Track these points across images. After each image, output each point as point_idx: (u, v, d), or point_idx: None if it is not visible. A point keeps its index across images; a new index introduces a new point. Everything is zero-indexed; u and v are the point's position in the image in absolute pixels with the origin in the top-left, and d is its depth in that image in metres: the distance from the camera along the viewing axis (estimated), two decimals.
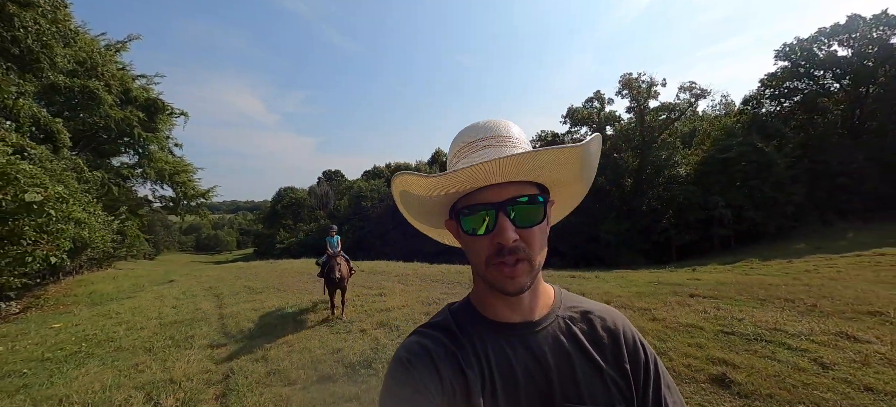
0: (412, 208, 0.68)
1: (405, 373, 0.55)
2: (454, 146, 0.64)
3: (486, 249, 0.56)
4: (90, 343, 5.36)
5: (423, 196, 0.61)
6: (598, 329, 0.64)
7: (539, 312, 0.64)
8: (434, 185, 0.57)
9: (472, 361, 0.58)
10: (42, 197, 3.95)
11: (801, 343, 3.69)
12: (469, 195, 0.59)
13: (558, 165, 0.59)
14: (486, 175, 0.54)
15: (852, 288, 6.58)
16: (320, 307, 6.30)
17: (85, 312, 7.63)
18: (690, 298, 5.59)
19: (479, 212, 0.57)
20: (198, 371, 3.92)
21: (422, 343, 0.60)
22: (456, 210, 0.61)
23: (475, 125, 0.64)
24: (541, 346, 0.61)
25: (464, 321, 0.64)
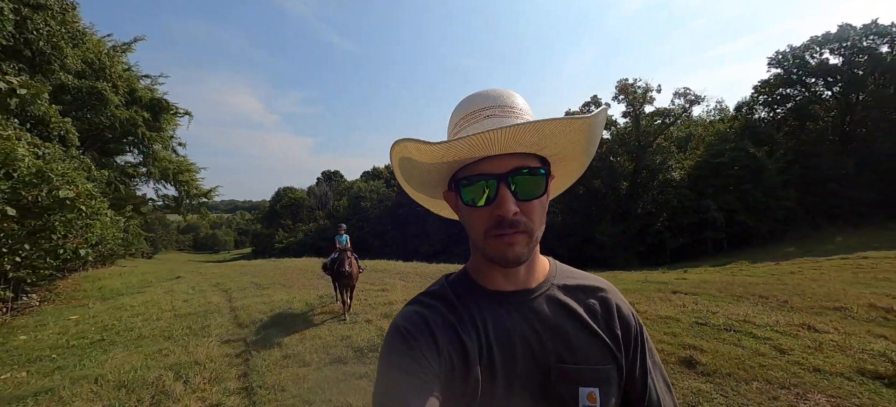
0: (411, 178, 0.67)
1: (403, 342, 0.55)
2: (456, 114, 0.63)
3: (486, 221, 0.56)
4: (111, 332, 5.71)
5: (423, 164, 0.60)
6: (591, 297, 0.66)
7: (535, 280, 0.65)
8: (435, 153, 0.55)
9: (470, 329, 0.59)
10: (74, 194, 4.31)
11: (766, 333, 4.09)
12: (470, 165, 0.58)
13: (564, 137, 0.58)
14: (488, 145, 0.54)
15: (827, 287, 7.01)
16: (326, 300, 6.66)
17: (98, 306, 7.96)
18: (672, 295, 6.00)
19: (479, 182, 0.56)
20: (219, 355, 4.29)
21: (419, 312, 0.60)
22: (455, 180, 0.60)
23: (479, 94, 0.62)
24: (536, 311, 0.62)
25: (461, 290, 0.64)
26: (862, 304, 5.25)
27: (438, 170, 0.61)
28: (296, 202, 56.54)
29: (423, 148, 0.54)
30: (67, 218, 4.62)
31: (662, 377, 0.66)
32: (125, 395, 3.43)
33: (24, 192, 4.25)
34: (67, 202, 4.21)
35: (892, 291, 6.56)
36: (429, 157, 0.57)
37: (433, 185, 0.68)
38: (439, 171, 0.62)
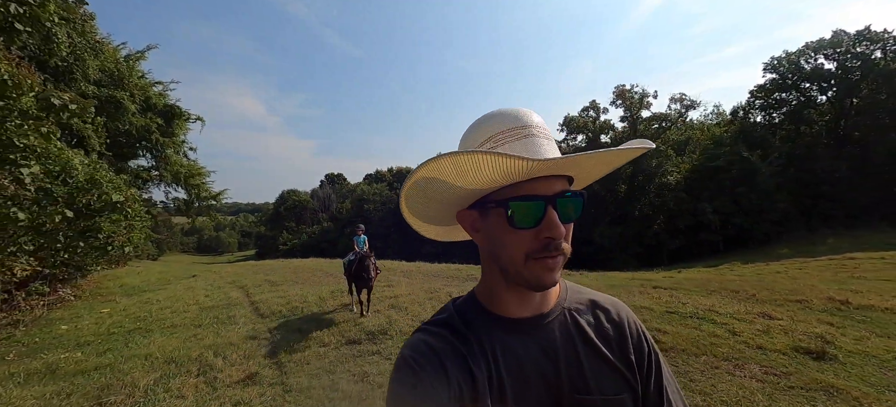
0: (426, 197, 0.62)
1: (413, 375, 0.54)
2: (482, 132, 0.59)
3: (530, 243, 0.54)
4: (145, 322, 6.35)
5: (457, 187, 0.56)
6: (603, 321, 0.64)
7: (548, 305, 0.63)
8: (484, 173, 0.51)
9: (480, 358, 0.57)
10: (124, 197, 4.96)
11: (725, 319, 4.68)
12: (515, 186, 0.55)
13: (604, 166, 0.58)
14: (546, 166, 0.51)
15: (798, 283, 7.59)
16: (337, 294, 7.27)
17: (125, 301, 8.61)
18: (653, 289, 6.58)
19: (531, 203, 0.54)
20: (247, 337, 4.91)
21: (428, 342, 0.58)
22: (499, 200, 0.56)
23: (502, 112, 0.59)
24: (548, 338, 0.61)
25: (470, 318, 0.62)
26: (822, 297, 5.82)
27: (470, 192, 0.58)
28: (299, 204, 57.34)
29: (477, 165, 0.50)
30: (113, 219, 5.27)
31: (680, 400, 0.63)
32: (175, 367, 4.06)
33: (78, 196, 4.91)
34: (118, 205, 4.86)
35: (860, 287, 7.13)
36: (473, 180, 0.53)
37: (453, 207, 0.63)
38: (469, 193, 0.58)
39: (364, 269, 5.50)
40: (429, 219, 0.70)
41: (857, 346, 3.86)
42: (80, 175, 4.96)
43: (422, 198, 0.62)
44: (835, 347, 3.80)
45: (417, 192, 0.60)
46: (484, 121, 0.60)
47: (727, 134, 26.28)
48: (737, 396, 2.94)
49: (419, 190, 0.60)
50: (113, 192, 4.92)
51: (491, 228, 0.58)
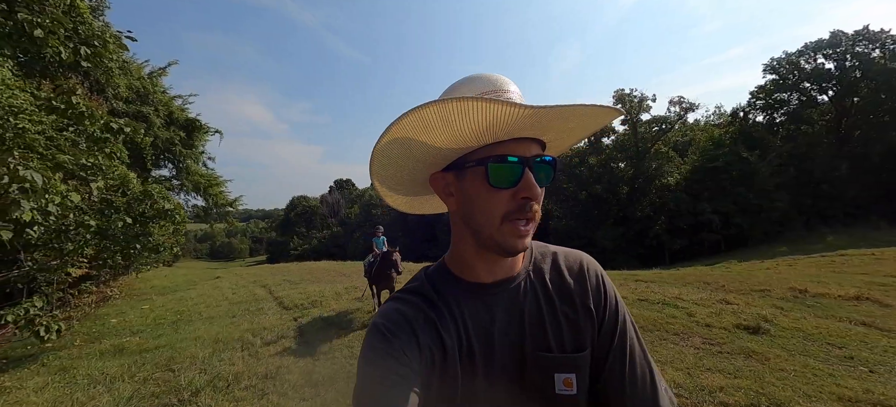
0: (399, 159, 0.61)
1: (383, 341, 0.55)
2: (463, 91, 0.58)
3: (506, 204, 0.55)
4: (185, 314, 7.26)
5: (430, 146, 0.56)
6: (565, 275, 0.66)
7: (515, 269, 0.65)
8: (482, 116, 0.49)
9: (449, 324, 0.59)
10: (173, 206, 5.87)
11: (687, 305, 5.40)
12: (491, 146, 0.55)
13: (581, 127, 0.60)
14: (525, 125, 0.52)
15: (773, 276, 8.23)
16: (351, 290, 8.11)
17: (160, 299, 9.58)
18: (633, 282, 7.31)
19: (508, 164, 0.54)
20: (278, 323, 5.78)
21: (400, 309, 0.60)
22: (477, 159, 0.56)
23: (482, 76, 0.59)
24: (514, 300, 0.63)
25: (440, 285, 0.64)
26: (784, 287, 6.50)
27: (445, 151, 0.57)
28: (309, 210, 58.71)
29: (464, 112, 0.48)
30: (161, 225, 6.18)
31: (646, 362, 0.62)
32: (222, 345, 4.93)
33: (135, 205, 5.84)
34: (168, 212, 5.77)
35: (829, 279, 7.74)
36: (454, 131, 0.52)
37: (426, 169, 0.63)
38: (444, 153, 0.58)
39: (388, 266, 5.50)
40: (398, 185, 0.69)
41: (793, 324, 4.56)
42: (135, 187, 5.89)
43: (397, 158, 0.61)
44: (772, 324, 4.52)
45: (395, 149, 0.58)
46: (464, 81, 0.59)
47: (727, 135, 26.70)
48: (672, 356, 3.69)
49: (391, 150, 0.58)
50: (164, 201, 5.84)
51: (467, 190, 0.58)
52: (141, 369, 4.32)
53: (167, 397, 3.48)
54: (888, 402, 2.74)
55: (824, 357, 3.65)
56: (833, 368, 3.39)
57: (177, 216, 5.91)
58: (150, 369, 4.29)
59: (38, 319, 4.19)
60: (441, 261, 0.69)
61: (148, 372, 4.20)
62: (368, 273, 6.00)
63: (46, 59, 5.28)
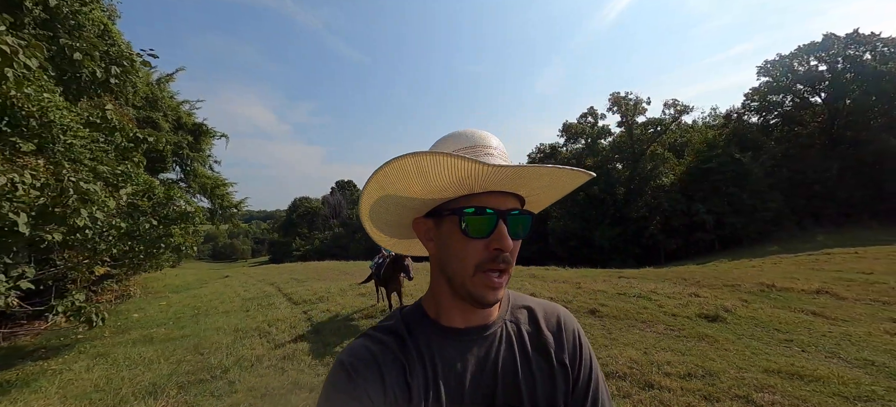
0: (385, 203, 0.64)
1: (347, 380, 0.55)
2: (445, 146, 0.62)
3: (480, 254, 0.57)
4: (202, 309, 7.86)
5: (413, 199, 0.61)
6: (542, 329, 0.67)
7: (491, 316, 0.66)
8: (449, 171, 0.53)
9: (418, 368, 0.59)
10: (193, 209, 6.47)
11: (659, 298, 5.97)
12: (468, 198, 0.59)
13: (556, 187, 0.63)
14: (500, 180, 0.55)
15: (751, 273, 8.79)
16: (355, 287, 8.68)
17: (175, 296, 10.19)
18: (617, 278, 7.87)
19: (484, 215, 0.57)
20: (289, 316, 6.37)
21: (368, 348, 0.60)
22: (453, 209, 0.59)
23: (464, 132, 0.63)
24: (488, 350, 0.63)
25: (413, 326, 0.64)
26: (754, 282, 7.06)
27: (427, 200, 0.61)
28: (311, 211, 59.36)
29: (438, 166, 0.52)
30: (181, 227, 6.78)
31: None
32: (242, 334, 5.52)
33: (160, 209, 6.44)
34: (188, 215, 6.37)
35: (804, 275, 8.27)
36: (432, 182, 0.56)
37: (410, 214, 0.67)
38: (425, 201, 0.61)
39: (398, 270, 5.36)
40: (384, 226, 0.72)
41: (749, 314, 5.13)
42: (159, 193, 6.49)
43: (382, 202, 0.64)
44: (731, 313, 5.09)
45: (379, 193, 0.61)
46: (448, 137, 0.63)
47: (721, 136, 27.24)
48: (635, 340, 4.26)
49: (381, 192, 0.61)
50: (186, 205, 6.44)
51: (444, 237, 0.61)
52: (173, 354, 4.91)
53: (201, 374, 4.07)
54: (803, 372, 3.31)
55: (767, 340, 4.22)
56: (770, 348, 3.97)
57: (196, 219, 6.51)
58: (181, 353, 4.88)
59: (84, 309, 4.78)
60: (418, 302, 0.69)
61: (180, 355, 4.80)
62: (376, 275, 5.96)
63: (83, 79, 5.89)
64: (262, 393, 3.53)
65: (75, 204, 3.88)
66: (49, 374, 4.60)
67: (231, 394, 3.57)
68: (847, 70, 26.13)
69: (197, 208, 6.56)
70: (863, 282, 7.26)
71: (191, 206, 6.47)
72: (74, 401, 3.62)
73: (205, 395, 3.58)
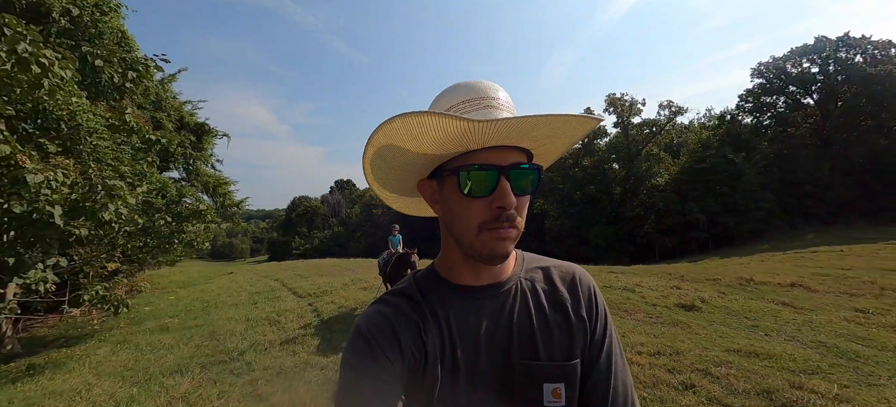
0: (390, 169, 0.64)
1: (365, 345, 0.56)
2: (445, 100, 0.60)
3: (483, 213, 0.56)
4: (210, 303, 8.23)
5: (410, 153, 0.58)
6: (557, 285, 0.66)
7: (504, 274, 0.65)
8: (435, 136, 0.52)
9: (433, 327, 0.60)
10: (206, 208, 6.84)
11: (643, 290, 6.38)
12: (467, 155, 0.57)
13: (563, 136, 0.60)
14: (498, 135, 0.53)
15: (731, 268, 9.21)
16: (357, 281, 9.08)
17: (182, 292, 10.55)
18: (607, 273, 8.28)
19: (482, 172, 0.55)
20: (296, 307, 6.76)
21: (382, 312, 0.61)
22: (451, 168, 0.58)
23: (472, 83, 0.61)
24: (502, 306, 0.63)
25: (426, 287, 0.65)
26: (733, 276, 7.48)
27: (426, 159, 0.59)
28: (311, 210, 59.68)
29: (429, 122, 0.50)
30: (193, 223, 7.15)
31: (627, 382, 0.63)
32: (253, 322, 5.91)
33: (173, 207, 6.82)
34: (201, 212, 6.74)
35: (785, 271, 8.70)
36: (426, 143, 0.55)
37: (413, 175, 0.66)
38: (426, 161, 0.60)
39: (405, 266, 5.49)
40: (393, 188, 0.71)
41: (724, 303, 5.54)
42: (172, 191, 6.87)
43: (383, 165, 0.63)
44: (707, 303, 5.50)
45: (378, 158, 0.61)
46: (449, 90, 0.61)
47: (715, 137, 27.73)
48: (615, 326, 4.66)
49: (379, 156, 0.60)
50: (198, 203, 6.82)
51: (447, 198, 0.60)
52: (191, 340, 5.30)
53: (219, 356, 4.46)
54: (761, 351, 3.72)
55: (735, 326, 4.64)
56: (736, 332, 4.38)
57: (208, 216, 6.89)
58: (198, 340, 5.27)
59: (109, 298, 5.17)
60: (431, 265, 0.69)
61: (197, 341, 5.19)
62: (383, 271, 6.02)
63: (102, 83, 6.26)
64: (277, 371, 3.93)
65: (103, 199, 4.25)
66: (76, 358, 4.98)
67: (249, 372, 3.96)
68: (838, 73, 26.64)
69: (208, 206, 6.94)
70: (838, 277, 7.69)
71: (202, 204, 6.85)
72: (107, 378, 4.01)
73: (225, 373, 3.97)
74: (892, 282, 6.96)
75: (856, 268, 9.28)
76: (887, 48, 25.98)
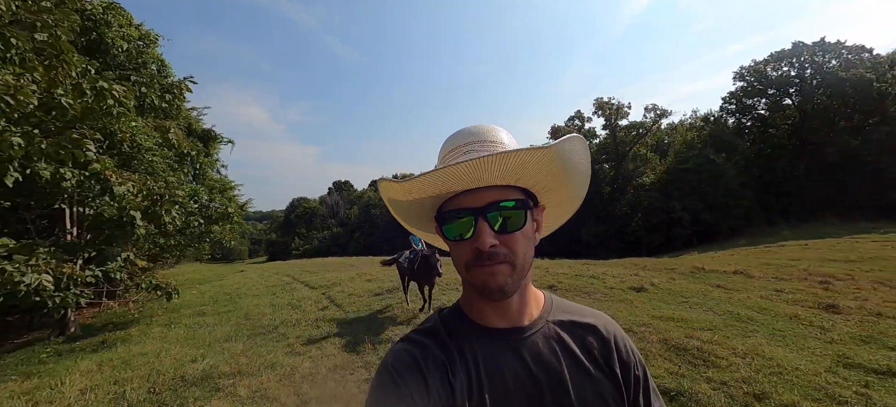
0: (402, 213, 0.70)
1: (392, 383, 0.57)
2: (441, 152, 0.65)
3: (467, 254, 0.59)
4: (233, 295, 9.31)
5: (405, 202, 0.63)
6: (588, 336, 0.66)
7: (528, 317, 0.65)
8: (411, 190, 0.58)
9: (460, 367, 0.60)
10: (234, 210, 7.94)
11: (606, 277, 7.53)
12: (450, 200, 0.60)
13: (535, 168, 0.59)
14: (460, 179, 0.55)
15: (698, 260, 10.40)
16: (363, 275, 10.18)
17: (202, 287, 11.61)
18: (582, 265, 9.46)
19: (461, 218, 0.58)
20: (311, 296, 7.87)
21: (410, 351, 0.61)
22: (438, 216, 0.62)
23: (463, 130, 0.64)
24: (531, 351, 0.62)
25: (453, 327, 0.65)
26: (688, 266, 8.67)
27: (425, 204, 0.64)
28: (309, 211, 60.63)
29: (398, 187, 0.58)
30: (221, 225, 8.26)
31: None
32: (277, 308, 7.03)
33: (203, 211, 7.95)
34: (230, 214, 7.85)
35: (740, 262, 9.88)
36: (407, 195, 0.60)
37: (424, 218, 0.70)
38: (427, 205, 0.64)
39: (430, 267, 5.48)
40: (418, 226, 0.76)
41: (670, 286, 6.71)
42: (202, 196, 7.99)
43: (397, 209, 0.70)
44: (655, 286, 6.67)
45: (392, 204, 0.68)
46: (452, 136, 0.65)
47: (698, 138, 29.11)
48: None
49: (392, 204, 0.68)
50: (228, 206, 7.95)
51: (446, 241, 0.64)
52: (229, 321, 6.42)
53: (258, 330, 5.58)
54: (676, 317, 4.89)
55: (670, 302, 5.81)
56: (668, 306, 5.55)
57: (234, 217, 8.02)
58: (235, 320, 6.39)
59: (163, 286, 6.27)
60: (456, 303, 0.70)
61: (235, 321, 6.31)
62: (409, 270, 5.97)
63: (145, 106, 7.36)
64: (307, 339, 5.06)
65: (168, 205, 5.37)
66: (136, 335, 6.08)
67: (285, 340, 5.09)
68: (813, 76, 28.06)
69: (235, 210, 8.07)
70: (780, 265, 8.92)
71: (232, 206, 7.97)
72: (174, 345, 5.12)
73: (267, 340, 5.10)
74: (822, 269, 8.21)
75: (805, 259, 10.54)
76: (860, 52, 27.42)
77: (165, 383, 3.76)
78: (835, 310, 5.20)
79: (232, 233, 8.23)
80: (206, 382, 3.75)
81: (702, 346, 3.91)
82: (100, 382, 3.92)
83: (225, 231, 8.02)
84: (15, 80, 3.86)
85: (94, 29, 6.86)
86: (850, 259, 10.06)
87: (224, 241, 7.97)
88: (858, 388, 3.10)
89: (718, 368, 3.41)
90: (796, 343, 4.09)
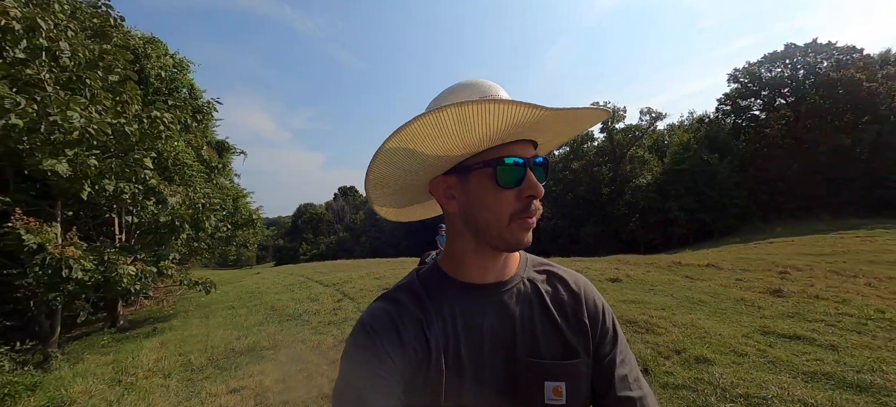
0: (401, 166, 0.63)
1: (367, 339, 0.58)
2: (457, 97, 0.60)
3: (513, 203, 0.58)
4: (256, 293, 10.31)
5: (439, 148, 0.58)
6: (560, 289, 0.69)
7: (508, 273, 0.67)
8: (493, 119, 0.52)
9: (436, 323, 0.61)
10: (256, 217, 8.96)
11: (590, 271, 8.41)
12: (494, 149, 0.59)
13: (570, 130, 0.64)
14: (526, 127, 0.56)
15: (687, 257, 11.24)
16: (371, 274, 11.14)
17: (224, 288, 12.64)
18: (571, 261, 10.34)
19: (513, 165, 0.58)
20: (328, 291, 8.85)
21: (385, 308, 0.62)
22: (487, 161, 0.58)
23: (477, 82, 0.62)
24: (506, 304, 0.64)
25: (430, 284, 0.66)
26: (668, 261, 9.53)
27: (447, 159, 0.60)
28: (316, 217, 61.92)
29: (485, 117, 0.51)
30: (244, 230, 9.29)
31: (633, 371, 0.65)
32: (298, 301, 8.00)
33: (233, 217, 8.99)
34: (253, 219, 8.86)
35: (720, 257, 10.69)
36: (461, 138, 0.55)
37: (428, 174, 0.65)
38: (447, 159, 0.61)
39: None
40: (391, 193, 0.72)
41: (643, 278, 7.58)
42: (229, 204, 9.03)
43: (399, 163, 0.62)
44: (630, 278, 7.55)
45: (400, 155, 0.60)
46: (459, 87, 0.62)
47: (694, 139, 29.83)
48: None
49: (403, 152, 0.59)
50: (252, 212, 8.98)
51: (473, 192, 0.61)
52: (258, 312, 7.40)
53: (286, 317, 6.55)
54: (639, 300, 5.77)
55: (639, 290, 6.68)
56: (636, 293, 6.42)
57: (258, 223, 9.04)
58: (263, 311, 7.37)
59: (200, 282, 7.27)
60: (434, 262, 0.71)
61: (264, 312, 7.29)
62: None
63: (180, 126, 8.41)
64: (328, 322, 6.02)
65: (208, 212, 6.38)
66: (179, 325, 7.08)
67: (310, 324, 6.05)
68: (807, 77, 28.73)
69: (258, 216, 9.10)
70: (753, 259, 9.75)
71: (255, 214, 9.00)
72: (216, 329, 6.11)
73: (295, 325, 6.07)
74: (789, 262, 9.03)
75: (784, 253, 11.35)
76: (850, 53, 28.07)
77: (220, 354, 4.73)
78: (779, 294, 6.03)
79: (255, 237, 9.24)
80: (252, 352, 4.72)
81: (649, 320, 4.80)
82: (166, 354, 4.91)
83: (248, 235, 9.02)
84: (98, 115, 4.88)
85: (137, 61, 7.93)
86: (824, 253, 10.85)
87: (248, 244, 8.96)
88: (763, 347, 3.98)
89: (655, 334, 4.31)
90: (731, 318, 4.96)
